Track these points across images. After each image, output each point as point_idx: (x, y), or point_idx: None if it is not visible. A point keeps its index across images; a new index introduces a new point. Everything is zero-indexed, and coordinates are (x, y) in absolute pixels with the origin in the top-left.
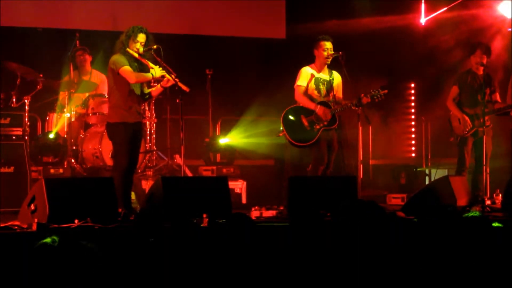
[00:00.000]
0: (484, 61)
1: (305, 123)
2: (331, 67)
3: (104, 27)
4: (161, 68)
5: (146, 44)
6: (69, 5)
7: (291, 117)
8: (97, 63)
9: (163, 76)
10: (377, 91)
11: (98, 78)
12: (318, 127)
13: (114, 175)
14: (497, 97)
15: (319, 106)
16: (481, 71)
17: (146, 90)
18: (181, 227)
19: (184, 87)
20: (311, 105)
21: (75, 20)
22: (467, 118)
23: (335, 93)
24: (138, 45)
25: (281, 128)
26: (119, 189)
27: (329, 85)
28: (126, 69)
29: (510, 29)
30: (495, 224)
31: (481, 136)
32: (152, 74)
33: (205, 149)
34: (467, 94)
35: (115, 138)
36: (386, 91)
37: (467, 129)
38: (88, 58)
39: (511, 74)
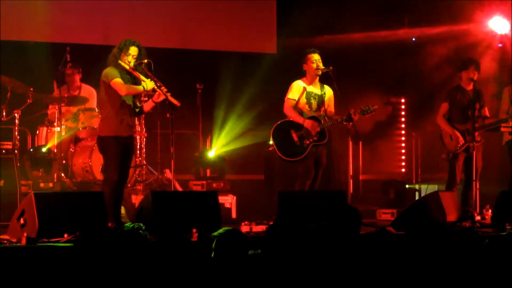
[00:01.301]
0: (476, 77)
1: (295, 138)
2: (322, 81)
3: (96, 41)
4: (152, 82)
5: (138, 58)
6: (60, 19)
7: (281, 132)
8: (88, 77)
9: (154, 90)
10: (367, 107)
11: (87, 92)
12: (307, 142)
13: (104, 189)
14: (486, 112)
15: (307, 120)
16: (470, 86)
17: (138, 104)
18: (170, 241)
19: (175, 102)
20: (299, 119)
21: (66, 34)
22: (458, 134)
23: (326, 107)
24: (130, 58)
25: (271, 142)
26: (109, 203)
27: (321, 99)
28: (117, 81)
29: (500, 45)
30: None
31: (472, 152)
32: (143, 87)
33: (195, 164)
34: (457, 110)
35: (106, 151)
36: (376, 106)
37: (459, 145)
38: (78, 76)
39: (503, 89)
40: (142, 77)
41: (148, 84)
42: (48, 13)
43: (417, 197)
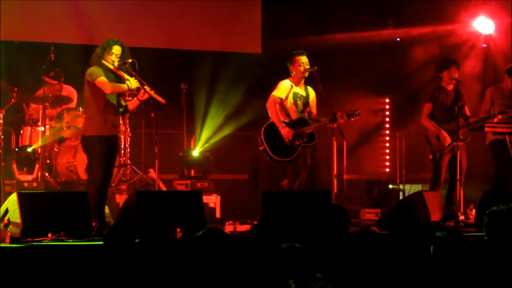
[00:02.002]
0: (457, 75)
1: (286, 138)
2: (305, 82)
3: (80, 40)
4: (136, 81)
5: (122, 57)
6: (44, 19)
7: (271, 132)
8: (72, 77)
9: (138, 89)
10: (352, 111)
11: (68, 92)
12: (298, 143)
13: (88, 188)
14: (467, 111)
15: (284, 127)
16: (451, 86)
17: (123, 103)
18: (154, 241)
19: (160, 99)
20: (277, 122)
21: (50, 34)
22: (445, 133)
23: (310, 108)
24: (113, 57)
25: (262, 142)
26: (93, 203)
27: (306, 100)
28: (102, 80)
29: (484, 45)
30: (439, 233)
31: (456, 152)
32: (127, 86)
33: (179, 163)
34: (441, 110)
35: (90, 151)
36: (360, 111)
37: (446, 145)
38: (58, 86)
39: (486, 89)
40: (126, 76)
41: (132, 83)
42: (32, 12)
43: (401, 197)
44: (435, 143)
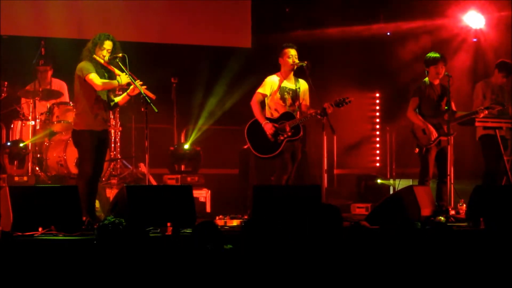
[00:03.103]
0: (443, 71)
1: (268, 134)
2: (296, 75)
3: (70, 35)
4: (127, 76)
5: (113, 52)
6: (35, 13)
7: (254, 130)
8: (62, 71)
9: (129, 84)
10: (342, 99)
11: (58, 86)
12: (282, 138)
13: (78, 183)
14: (453, 106)
15: (267, 123)
16: (438, 81)
17: (113, 98)
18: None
19: (150, 95)
20: (260, 119)
21: (40, 28)
22: (432, 128)
23: (301, 101)
24: (104, 52)
25: (246, 141)
26: (84, 197)
27: (295, 94)
28: (93, 76)
29: (475, 40)
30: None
31: (444, 146)
32: (118, 81)
33: (170, 158)
34: (428, 105)
35: (80, 145)
36: (352, 99)
37: (432, 139)
38: (50, 72)
39: (476, 84)
40: (116, 71)
41: (123, 78)
42: (21, 6)
43: (391, 192)
44: (421, 137)
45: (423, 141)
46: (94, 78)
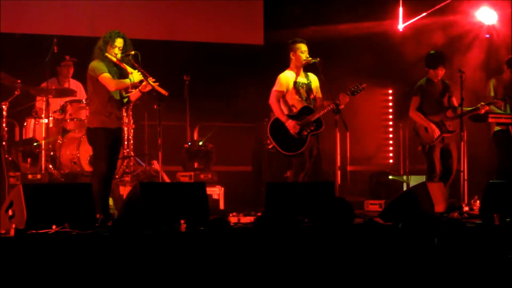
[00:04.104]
0: (442, 73)
1: (293, 131)
2: (306, 70)
3: (82, 32)
4: (139, 73)
5: (124, 49)
6: (46, 11)
7: (277, 128)
8: (75, 68)
9: (141, 81)
10: (356, 86)
11: (73, 85)
12: (306, 133)
13: (93, 180)
14: (454, 102)
15: (289, 120)
16: (438, 78)
17: (125, 95)
18: (157, 232)
19: (162, 91)
20: (282, 117)
21: (53, 26)
22: (434, 125)
23: (315, 94)
24: (116, 50)
25: (270, 141)
26: (98, 195)
27: (308, 87)
28: (106, 76)
29: (487, 36)
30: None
31: (447, 143)
32: (130, 80)
33: (183, 155)
34: (429, 103)
35: (95, 143)
36: (365, 85)
37: (435, 137)
38: (71, 69)
39: (488, 81)
40: (129, 69)
41: (135, 76)
42: (35, 4)
43: (404, 188)
44: (424, 135)
45: (426, 139)
46: (108, 78)
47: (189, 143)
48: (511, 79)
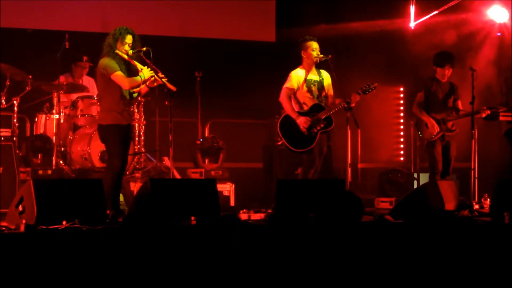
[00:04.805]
0: (450, 73)
1: (303, 128)
2: (318, 67)
3: (93, 28)
4: (149, 69)
5: (132, 45)
6: (58, 6)
7: (287, 125)
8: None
9: (152, 76)
10: (367, 86)
11: (87, 81)
12: (315, 130)
13: (106, 177)
14: (459, 105)
15: (300, 117)
16: (445, 79)
17: (131, 91)
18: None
19: (171, 87)
20: (292, 114)
21: (64, 21)
22: (434, 122)
23: (326, 92)
24: (126, 47)
25: (279, 137)
26: (109, 191)
27: (320, 85)
28: (119, 75)
29: (499, 34)
30: None
31: (448, 141)
32: (141, 77)
33: (193, 151)
34: (433, 100)
35: (108, 140)
36: (376, 84)
37: (434, 133)
38: (86, 71)
39: (502, 78)
40: (139, 66)
41: (145, 72)
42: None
43: (415, 186)
44: (424, 131)
45: (426, 135)
46: (121, 77)
47: (201, 140)
48: None
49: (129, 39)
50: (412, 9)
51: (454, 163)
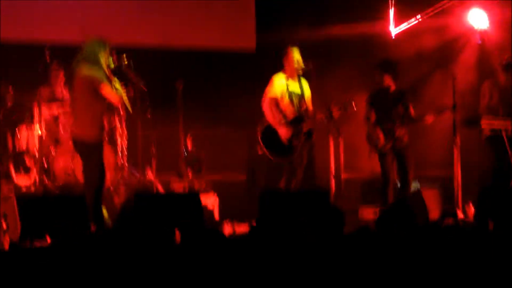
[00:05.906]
0: (391, 83)
1: (284, 139)
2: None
3: (72, 39)
4: (118, 81)
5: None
6: (36, 18)
7: (269, 134)
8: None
9: (126, 84)
10: (345, 102)
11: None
12: (296, 141)
13: (88, 192)
14: (412, 111)
15: (281, 127)
16: (394, 87)
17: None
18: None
19: (129, 107)
20: (274, 123)
21: (43, 33)
22: (380, 134)
23: (308, 104)
24: (110, 59)
25: (260, 147)
26: (92, 206)
27: (300, 97)
28: (108, 89)
29: (479, 42)
30: None
31: (400, 149)
32: (117, 89)
33: (176, 163)
34: (381, 111)
35: (89, 156)
36: (350, 97)
37: (379, 146)
38: (61, 74)
39: (482, 84)
40: (113, 79)
41: (117, 85)
42: (22, 12)
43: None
44: (371, 142)
45: (374, 147)
46: (111, 91)
47: (185, 152)
48: (506, 82)
49: (108, 51)
50: (392, 12)
51: (431, 172)
